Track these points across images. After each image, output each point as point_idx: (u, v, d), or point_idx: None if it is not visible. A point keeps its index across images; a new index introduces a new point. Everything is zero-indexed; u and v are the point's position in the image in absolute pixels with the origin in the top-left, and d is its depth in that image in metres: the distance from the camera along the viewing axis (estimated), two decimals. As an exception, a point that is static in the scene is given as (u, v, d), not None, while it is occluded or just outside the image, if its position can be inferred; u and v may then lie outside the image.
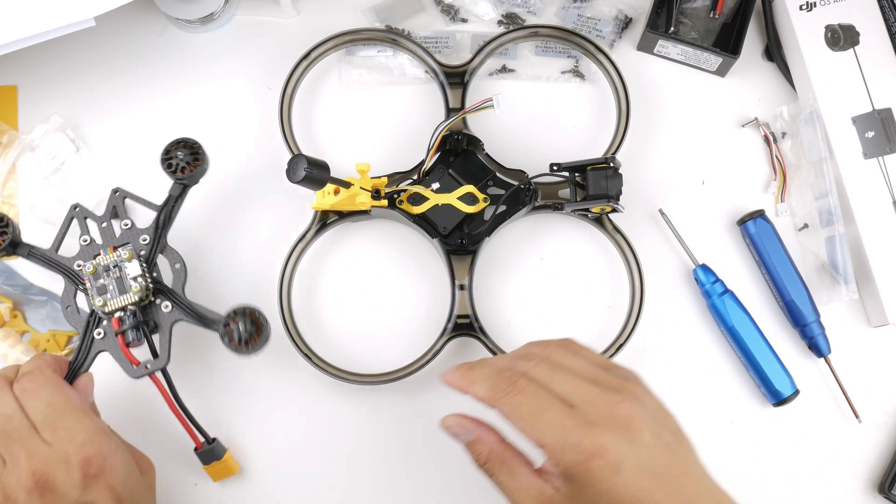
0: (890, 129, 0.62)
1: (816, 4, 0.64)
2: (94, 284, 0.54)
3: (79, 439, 0.47)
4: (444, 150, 0.63)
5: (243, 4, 0.69)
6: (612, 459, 0.40)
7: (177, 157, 0.56)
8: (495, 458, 0.45)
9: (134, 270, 0.54)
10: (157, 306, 0.55)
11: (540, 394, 0.42)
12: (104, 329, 0.55)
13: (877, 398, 0.62)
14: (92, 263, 0.54)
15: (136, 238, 0.57)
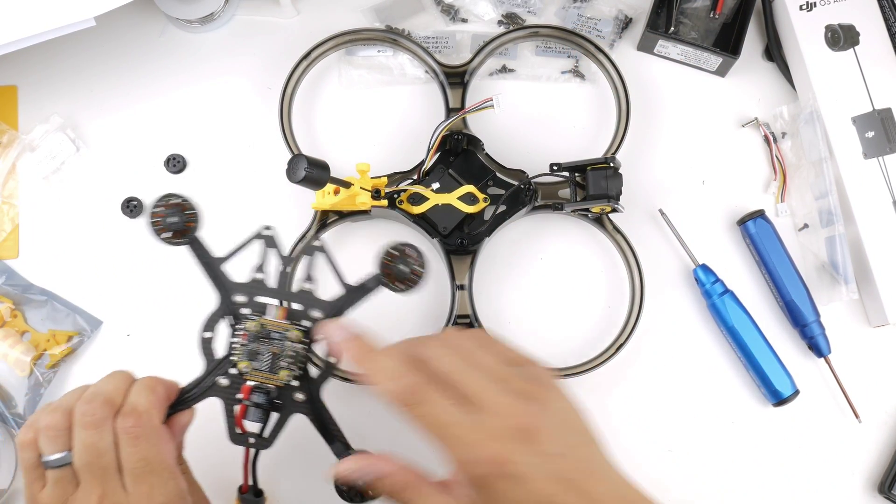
0: (890, 129, 0.62)
1: (816, 4, 0.64)
2: (247, 345, 0.48)
3: (156, 501, 0.46)
4: (444, 150, 0.63)
5: (243, 4, 0.69)
6: (517, 472, 0.40)
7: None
8: (410, 488, 0.44)
9: (294, 353, 0.48)
10: (290, 391, 0.49)
11: (446, 407, 0.42)
12: (231, 380, 0.49)
13: (877, 398, 0.62)
14: (257, 321, 0.48)
15: (309, 309, 0.49)
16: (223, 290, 0.50)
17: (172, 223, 0.48)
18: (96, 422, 0.45)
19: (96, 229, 0.64)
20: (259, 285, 0.50)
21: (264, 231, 0.50)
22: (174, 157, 0.65)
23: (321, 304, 0.49)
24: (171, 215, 0.48)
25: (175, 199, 0.48)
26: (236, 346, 0.48)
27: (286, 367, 0.48)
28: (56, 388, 0.61)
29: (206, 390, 0.49)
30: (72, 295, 0.63)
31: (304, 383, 0.49)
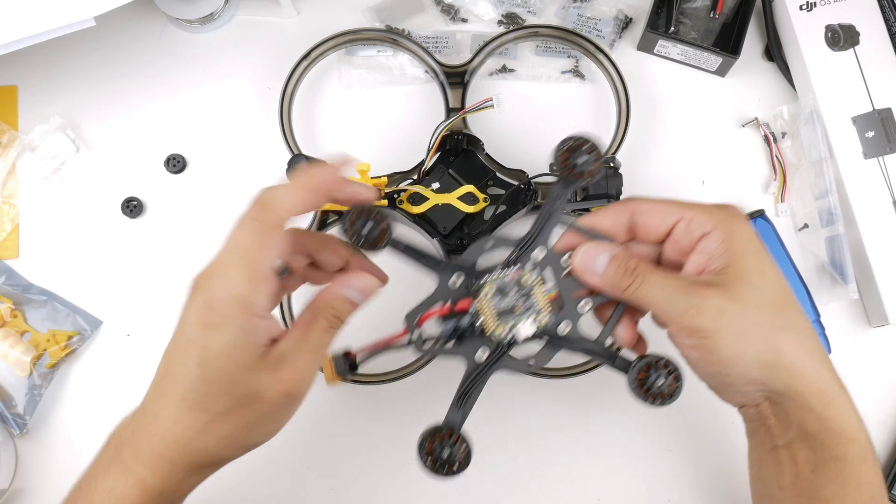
0: (890, 129, 0.62)
1: (816, 4, 0.64)
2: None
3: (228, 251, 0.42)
4: (444, 150, 0.63)
5: (243, 4, 0.69)
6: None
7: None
8: (644, 264, 0.44)
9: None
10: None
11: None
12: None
13: (877, 398, 0.62)
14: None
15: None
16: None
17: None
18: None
19: (96, 229, 0.64)
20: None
21: None
22: (174, 157, 0.65)
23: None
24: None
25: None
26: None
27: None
28: (56, 388, 0.61)
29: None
30: (72, 295, 0.63)
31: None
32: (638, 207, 0.46)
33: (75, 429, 0.61)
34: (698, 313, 0.41)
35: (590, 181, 0.48)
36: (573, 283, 0.46)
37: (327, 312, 0.44)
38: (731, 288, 0.42)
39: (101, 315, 0.63)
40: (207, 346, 0.41)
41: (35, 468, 0.60)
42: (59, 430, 0.61)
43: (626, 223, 0.46)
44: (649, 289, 0.43)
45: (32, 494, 0.60)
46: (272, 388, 0.41)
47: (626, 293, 0.44)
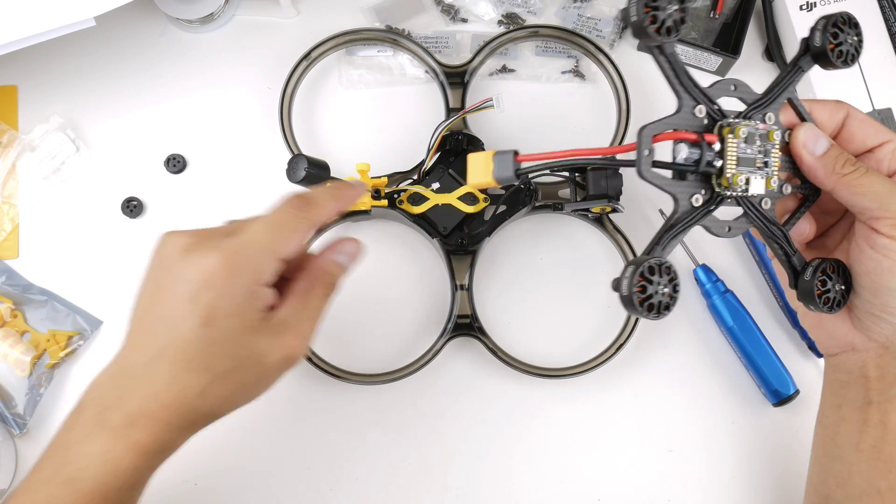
0: (890, 128, 0.62)
1: (816, 4, 0.64)
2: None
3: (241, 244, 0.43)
4: (444, 150, 0.63)
5: (243, 4, 0.69)
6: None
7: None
8: (861, 163, 0.44)
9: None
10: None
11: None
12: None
13: (877, 398, 0.62)
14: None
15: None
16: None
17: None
18: None
19: (96, 229, 0.64)
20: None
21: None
22: (174, 157, 0.65)
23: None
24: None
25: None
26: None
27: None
28: (56, 388, 0.61)
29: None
30: (72, 295, 0.63)
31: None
32: (854, 113, 0.46)
33: (75, 429, 0.61)
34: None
35: (846, 66, 0.46)
36: (784, 161, 0.45)
37: (325, 279, 0.46)
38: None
39: (101, 315, 0.63)
40: (216, 305, 0.41)
41: (35, 468, 0.60)
42: (59, 430, 0.61)
43: (839, 123, 0.46)
44: (868, 183, 0.43)
45: (32, 494, 0.60)
46: (275, 352, 0.43)
47: (842, 179, 0.43)
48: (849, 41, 0.46)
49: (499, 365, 0.60)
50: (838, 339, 0.47)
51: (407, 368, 0.59)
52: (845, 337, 0.47)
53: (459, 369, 0.62)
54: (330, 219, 0.48)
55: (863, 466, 0.45)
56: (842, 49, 0.45)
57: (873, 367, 0.45)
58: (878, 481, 0.44)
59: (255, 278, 0.42)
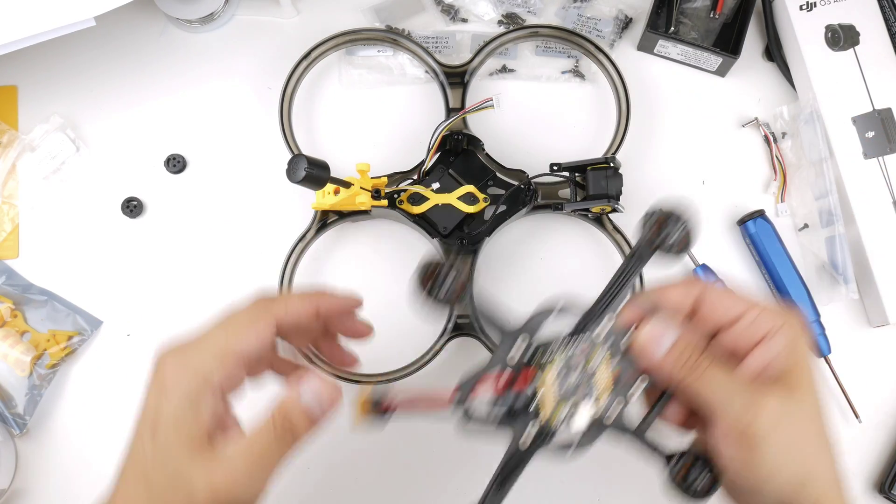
0: (890, 129, 0.62)
1: (816, 4, 0.64)
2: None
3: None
4: (444, 150, 0.63)
5: (243, 4, 0.69)
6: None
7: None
8: (706, 356, 0.41)
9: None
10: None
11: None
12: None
13: (877, 398, 0.62)
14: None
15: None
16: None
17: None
18: None
19: (96, 229, 0.64)
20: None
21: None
22: (174, 157, 0.65)
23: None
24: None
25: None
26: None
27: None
28: (56, 388, 0.61)
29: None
30: (72, 295, 0.63)
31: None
32: (708, 291, 0.44)
33: (75, 429, 0.61)
34: (757, 415, 0.39)
35: (676, 255, 0.44)
36: (629, 361, 0.43)
37: (280, 422, 0.42)
38: (793, 393, 0.40)
39: (101, 315, 0.63)
40: (160, 410, 0.40)
41: (35, 468, 0.60)
42: (59, 430, 0.61)
43: (693, 302, 0.44)
44: (709, 381, 0.41)
45: (32, 494, 0.60)
46: (202, 486, 0.39)
47: (683, 382, 0.41)
48: (674, 235, 0.44)
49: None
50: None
51: (407, 368, 0.59)
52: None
53: (459, 369, 0.62)
54: (297, 317, 0.44)
55: None
56: (670, 242, 0.44)
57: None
58: None
59: (202, 380, 0.40)
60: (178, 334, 0.43)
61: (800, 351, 0.42)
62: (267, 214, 0.65)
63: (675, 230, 0.44)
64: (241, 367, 0.42)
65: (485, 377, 0.42)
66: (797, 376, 0.41)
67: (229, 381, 0.41)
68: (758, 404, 0.39)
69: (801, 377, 0.41)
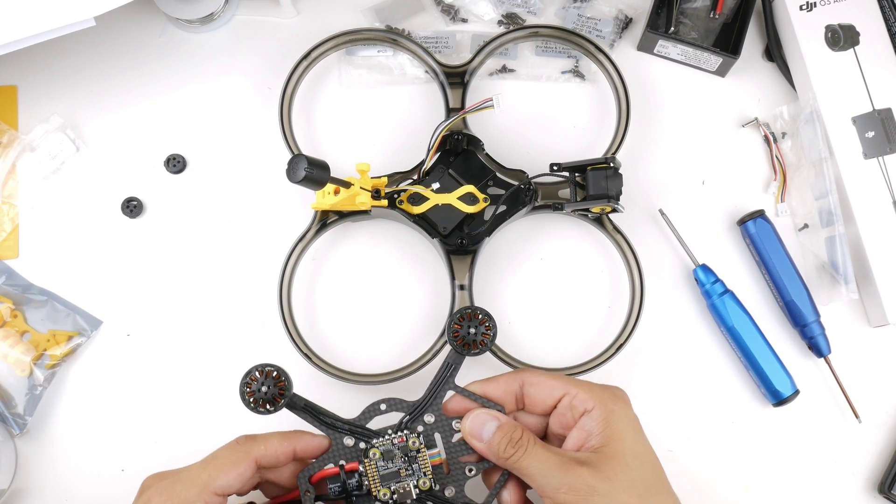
0: (890, 129, 0.62)
1: (816, 4, 0.64)
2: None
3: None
4: (444, 150, 0.63)
5: (243, 4, 0.69)
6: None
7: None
8: (527, 437, 0.46)
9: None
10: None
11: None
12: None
13: (877, 398, 0.62)
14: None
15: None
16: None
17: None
18: None
19: (96, 229, 0.64)
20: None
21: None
22: (174, 157, 0.65)
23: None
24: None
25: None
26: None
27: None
28: (56, 388, 0.61)
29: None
30: (72, 295, 0.63)
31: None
32: (528, 379, 0.49)
33: (75, 429, 0.61)
34: (570, 491, 0.44)
35: (482, 351, 0.50)
36: (462, 447, 0.49)
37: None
38: (603, 467, 0.44)
39: (101, 315, 0.63)
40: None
41: (35, 468, 0.60)
42: (59, 430, 0.61)
43: (516, 392, 0.49)
44: (529, 461, 0.45)
45: (32, 494, 0.60)
46: None
47: (508, 462, 0.46)
48: (471, 331, 0.50)
49: (499, 365, 0.60)
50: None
51: (407, 368, 0.59)
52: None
53: (459, 369, 0.62)
54: (277, 458, 0.47)
55: None
56: (467, 341, 0.50)
57: None
58: None
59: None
60: (164, 467, 0.47)
61: (613, 428, 0.46)
62: (267, 214, 0.65)
63: (473, 327, 0.50)
64: (221, 501, 0.45)
65: (322, 472, 0.48)
66: (610, 452, 0.45)
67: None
68: (569, 482, 0.44)
69: (614, 451, 0.45)
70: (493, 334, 0.50)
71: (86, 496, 0.60)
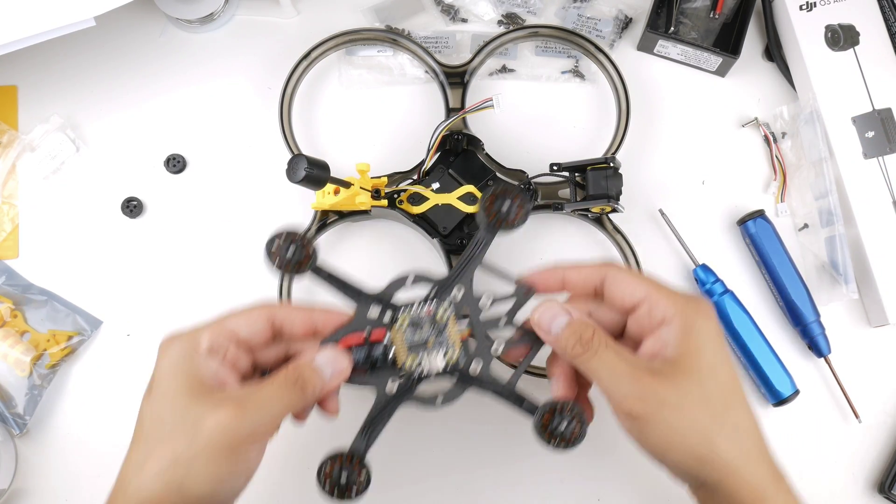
0: (890, 129, 0.62)
1: (816, 4, 0.64)
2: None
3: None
4: (444, 150, 0.63)
5: (243, 4, 0.69)
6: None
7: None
8: (599, 338, 0.43)
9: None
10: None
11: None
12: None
13: (877, 398, 0.62)
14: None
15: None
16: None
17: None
18: None
19: (96, 229, 0.64)
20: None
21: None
22: (174, 157, 0.65)
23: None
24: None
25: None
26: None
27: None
28: (56, 388, 0.61)
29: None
30: (72, 295, 0.63)
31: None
32: (611, 274, 0.46)
33: (75, 429, 0.61)
34: (638, 400, 0.42)
35: (515, 228, 0.48)
36: (488, 324, 0.48)
37: (288, 371, 0.44)
38: (677, 380, 0.42)
39: (101, 315, 0.63)
40: (156, 373, 0.43)
41: (35, 468, 0.60)
42: (59, 430, 0.61)
43: (596, 285, 0.47)
44: (598, 364, 0.43)
45: (32, 494, 0.60)
46: (208, 419, 0.40)
47: (575, 361, 0.44)
48: (504, 207, 0.48)
49: (498, 365, 0.59)
50: (680, 480, 0.46)
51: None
52: (670, 474, 0.46)
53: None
54: (293, 322, 0.46)
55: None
56: (500, 217, 0.48)
57: (705, 500, 0.44)
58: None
59: (190, 342, 0.43)
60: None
61: (692, 341, 0.43)
62: (267, 214, 0.65)
63: (506, 204, 0.48)
64: (233, 343, 0.44)
65: (346, 338, 0.46)
66: (686, 366, 0.42)
67: (220, 347, 0.43)
68: (639, 391, 0.41)
69: (690, 366, 0.42)
70: (527, 211, 0.48)
71: (86, 496, 0.60)
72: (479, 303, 0.48)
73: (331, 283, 0.48)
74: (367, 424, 0.47)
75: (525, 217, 0.48)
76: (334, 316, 0.47)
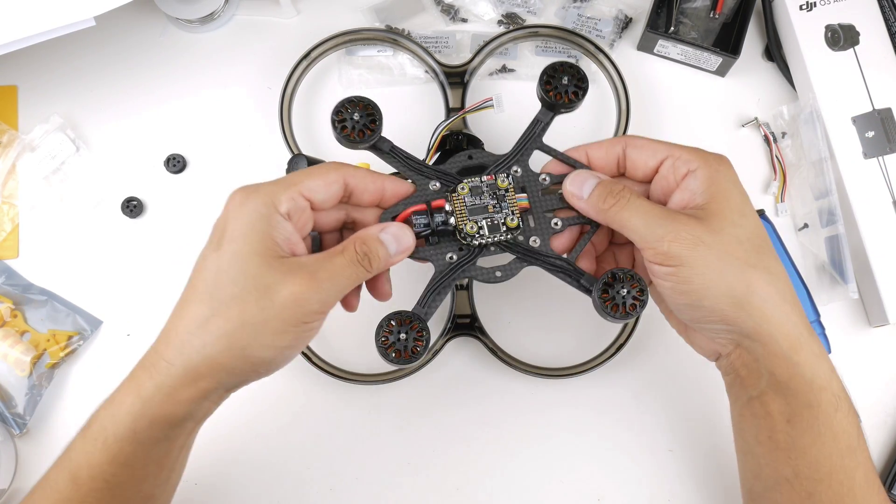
0: (890, 129, 0.62)
1: (816, 4, 0.64)
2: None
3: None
4: (444, 149, 0.63)
5: (243, 4, 0.69)
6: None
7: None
8: (629, 190, 0.45)
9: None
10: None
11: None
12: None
13: (877, 398, 0.62)
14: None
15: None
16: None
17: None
18: None
19: (96, 229, 0.64)
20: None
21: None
22: (174, 157, 0.65)
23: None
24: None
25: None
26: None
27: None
28: (56, 388, 0.61)
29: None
30: (72, 295, 0.63)
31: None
32: (631, 142, 0.48)
33: (75, 429, 0.61)
34: (675, 240, 0.42)
35: (572, 106, 0.49)
36: (548, 200, 0.48)
37: (356, 245, 0.44)
38: (710, 221, 0.43)
39: (101, 315, 0.63)
40: (225, 227, 0.41)
41: (35, 468, 0.60)
42: (59, 430, 0.61)
43: (618, 156, 0.48)
44: (631, 212, 0.44)
45: (32, 494, 0.60)
46: (281, 289, 0.40)
47: (607, 214, 0.45)
48: (563, 82, 0.50)
49: (499, 365, 0.60)
50: (705, 349, 0.48)
51: (407, 368, 0.59)
52: (708, 346, 0.47)
53: (459, 369, 0.62)
54: (366, 187, 0.46)
55: (767, 458, 0.45)
56: (559, 91, 0.50)
57: (740, 366, 0.45)
58: (783, 470, 0.45)
59: (268, 201, 0.42)
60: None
61: (719, 186, 0.45)
62: (267, 214, 0.65)
63: (563, 81, 0.49)
64: (306, 204, 0.43)
65: (407, 210, 0.47)
66: (716, 209, 0.44)
67: (297, 211, 0.43)
68: (675, 231, 0.42)
69: (720, 208, 0.44)
70: (585, 89, 0.49)
71: (86, 496, 0.60)
72: (540, 179, 0.49)
73: (394, 154, 0.48)
74: (426, 294, 0.47)
75: (584, 93, 0.49)
76: (403, 186, 0.48)
